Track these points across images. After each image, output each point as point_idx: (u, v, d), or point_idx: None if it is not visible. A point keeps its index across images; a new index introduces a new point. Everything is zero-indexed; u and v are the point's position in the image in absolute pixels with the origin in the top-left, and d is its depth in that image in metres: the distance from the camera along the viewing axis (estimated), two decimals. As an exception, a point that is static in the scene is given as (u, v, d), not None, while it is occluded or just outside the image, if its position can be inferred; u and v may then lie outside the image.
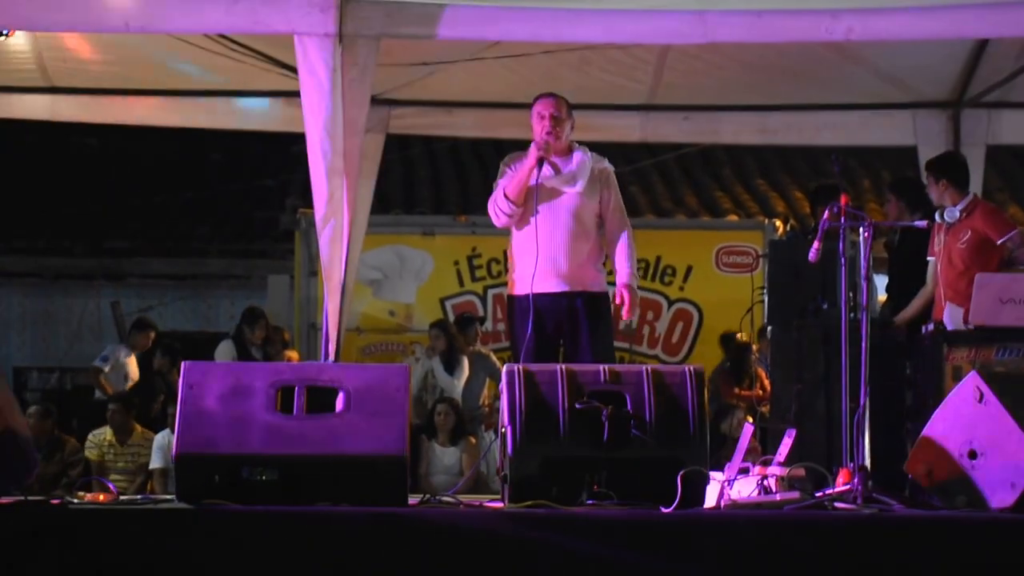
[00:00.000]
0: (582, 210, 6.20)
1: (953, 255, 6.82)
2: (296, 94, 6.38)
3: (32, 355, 14.10)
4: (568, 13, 6.35)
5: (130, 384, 10.30)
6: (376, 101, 7.64)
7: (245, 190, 15.04)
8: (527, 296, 6.13)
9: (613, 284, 6.32)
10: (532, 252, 6.13)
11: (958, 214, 6.86)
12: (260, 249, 14.11)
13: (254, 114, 8.79)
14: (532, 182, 6.10)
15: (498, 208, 6.21)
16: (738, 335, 9.67)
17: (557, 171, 6.19)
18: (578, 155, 6.25)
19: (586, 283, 6.22)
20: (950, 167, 7.07)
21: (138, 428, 9.38)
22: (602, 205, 6.27)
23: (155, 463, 9.13)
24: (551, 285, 6.16)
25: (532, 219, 6.13)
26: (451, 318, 10.79)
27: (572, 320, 6.19)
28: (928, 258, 7.08)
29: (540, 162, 6.10)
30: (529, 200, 6.12)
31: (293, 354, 10.34)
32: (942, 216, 6.90)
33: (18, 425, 5.09)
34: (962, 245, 6.81)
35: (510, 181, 6.18)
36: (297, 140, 7.53)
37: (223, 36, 7.34)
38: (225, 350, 10.18)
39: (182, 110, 8.77)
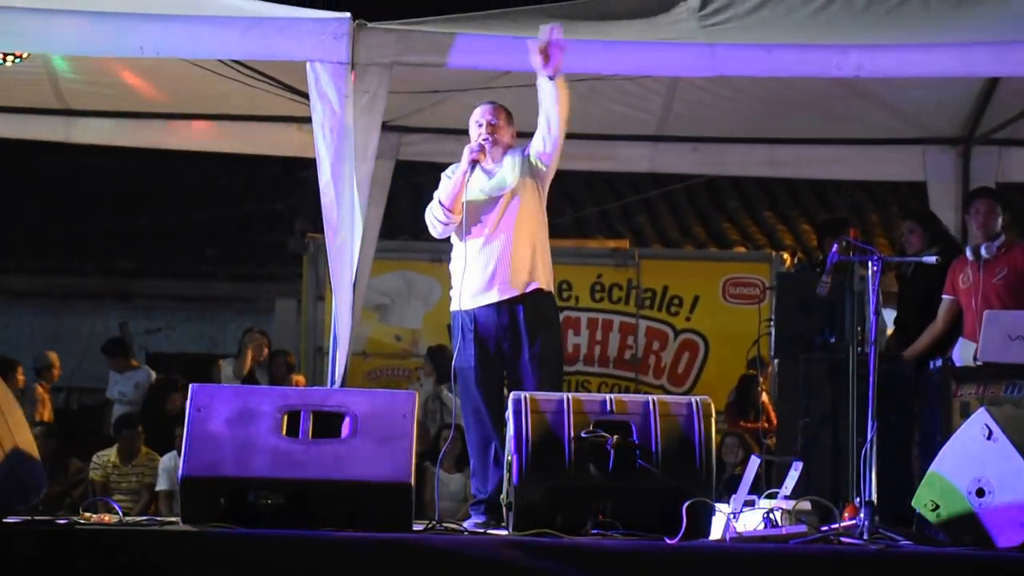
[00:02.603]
0: (522, 208, 6.04)
1: (989, 291, 6.83)
2: (307, 120, 6.41)
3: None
4: (578, 44, 6.37)
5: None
6: (387, 128, 7.67)
7: (254, 213, 15.10)
8: (469, 312, 6.04)
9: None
10: (472, 264, 6.02)
11: (995, 249, 6.89)
12: (268, 272, 14.15)
13: (266, 139, 8.83)
14: (468, 188, 5.99)
15: (434, 217, 6.13)
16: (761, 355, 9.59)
17: (489, 178, 6.10)
18: (507, 156, 6.13)
19: (527, 285, 6.03)
20: (1007, 202, 7.13)
21: (143, 449, 9.39)
22: (533, 161, 6.05)
23: (161, 485, 9.13)
24: (491, 296, 6.03)
25: (471, 230, 6.03)
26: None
27: (513, 335, 6.03)
28: (943, 296, 7.08)
29: (474, 165, 6.03)
30: (467, 212, 6.01)
31: (299, 378, 10.36)
32: (976, 252, 6.91)
33: (26, 444, 5.10)
34: (998, 281, 6.84)
35: (444, 188, 6.11)
36: (306, 164, 7.55)
37: (236, 61, 7.38)
38: (229, 365, 10.26)
39: (197, 134, 8.81)
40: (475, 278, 6.04)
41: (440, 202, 6.09)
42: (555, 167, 6.14)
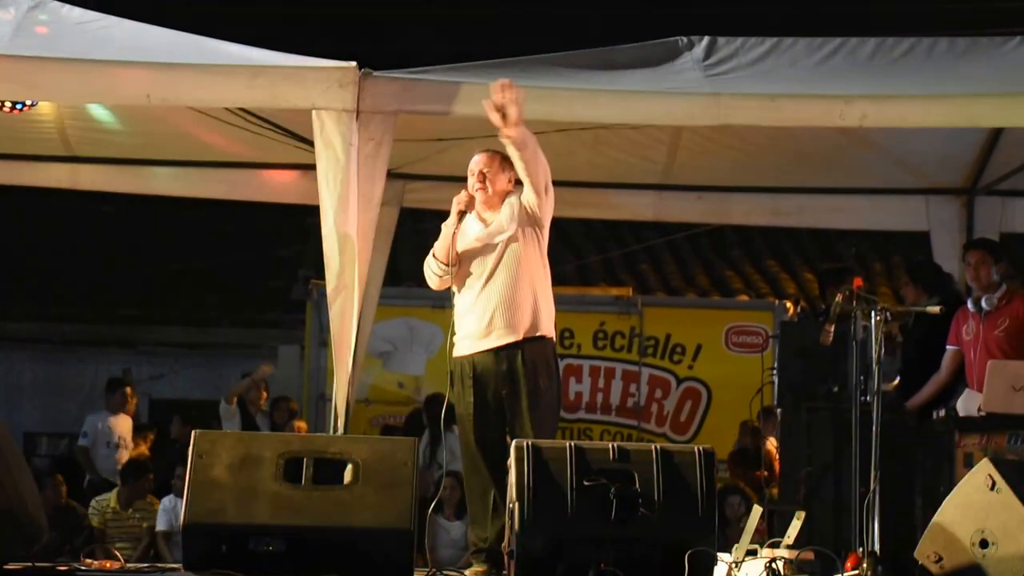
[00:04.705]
0: (520, 254, 6.01)
1: (990, 343, 6.83)
2: (312, 167, 6.43)
3: (43, 421, 14.11)
4: (583, 93, 6.41)
5: (126, 448, 10.34)
6: (391, 175, 7.70)
7: (258, 260, 15.12)
8: (467, 358, 6.04)
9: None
10: (470, 310, 6.03)
11: (996, 301, 6.89)
12: (271, 319, 14.16)
13: (270, 186, 8.86)
14: (465, 236, 6.00)
15: (430, 270, 6.13)
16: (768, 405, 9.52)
17: (486, 225, 6.09)
18: (505, 203, 6.10)
19: (526, 331, 5.99)
20: (1005, 252, 7.13)
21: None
22: (528, 210, 6.00)
23: (160, 526, 9.11)
24: (489, 342, 6.00)
25: (469, 276, 6.04)
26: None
27: (512, 382, 5.99)
28: (947, 346, 7.07)
29: (461, 216, 6.05)
30: (465, 259, 6.03)
31: (301, 424, 10.34)
32: (978, 304, 6.91)
33: (29, 491, 5.08)
34: (1000, 332, 6.84)
35: (439, 240, 6.12)
36: (310, 211, 7.57)
37: (241, 109, 7.42)
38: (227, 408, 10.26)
39: (200, 181, 8.84)
40: (473, 324, 6.04)
41: (434, 255, 6.11)
42: (550, 215, 6.11)
